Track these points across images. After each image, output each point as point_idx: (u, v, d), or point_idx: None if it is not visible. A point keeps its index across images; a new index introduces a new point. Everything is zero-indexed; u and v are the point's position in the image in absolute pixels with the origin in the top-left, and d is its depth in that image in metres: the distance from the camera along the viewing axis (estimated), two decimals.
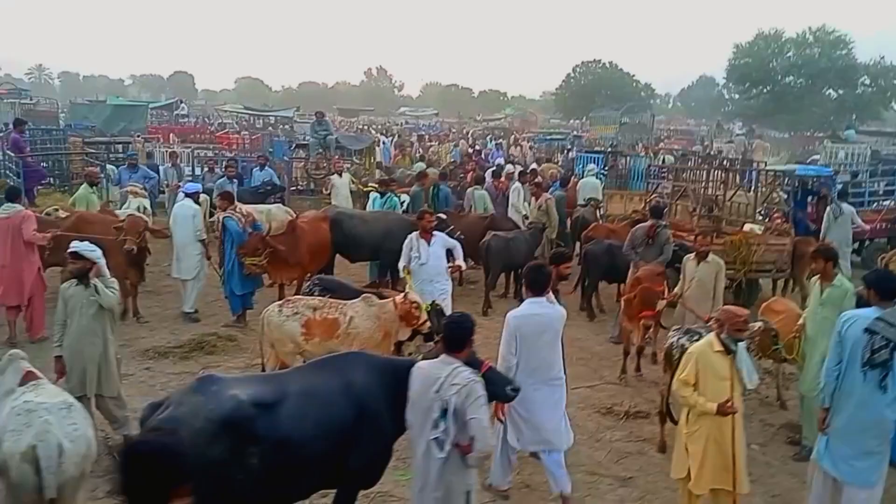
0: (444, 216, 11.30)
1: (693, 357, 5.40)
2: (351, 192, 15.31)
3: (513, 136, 40.30)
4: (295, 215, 11.26)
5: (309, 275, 9.80)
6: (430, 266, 8.44)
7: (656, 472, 6.64)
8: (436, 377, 4.22)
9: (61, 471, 4.15)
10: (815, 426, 5.82)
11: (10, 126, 15.54)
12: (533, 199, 13.49)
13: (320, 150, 17.27)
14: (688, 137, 48.23)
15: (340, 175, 15.31)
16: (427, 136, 34.12)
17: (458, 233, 10.93)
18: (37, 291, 9.09)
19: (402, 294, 7.33)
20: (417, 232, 8.47)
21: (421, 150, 27.51)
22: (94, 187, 11.23)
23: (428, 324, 7.20)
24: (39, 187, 14.28)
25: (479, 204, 13.79)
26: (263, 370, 7.39)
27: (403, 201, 13.31)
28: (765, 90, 50.63)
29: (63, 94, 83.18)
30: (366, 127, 47.91)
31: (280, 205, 13.11)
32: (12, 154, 13.97)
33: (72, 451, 4.24)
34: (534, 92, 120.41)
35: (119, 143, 17.72)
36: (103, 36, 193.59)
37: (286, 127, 42.26)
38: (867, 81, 51.79)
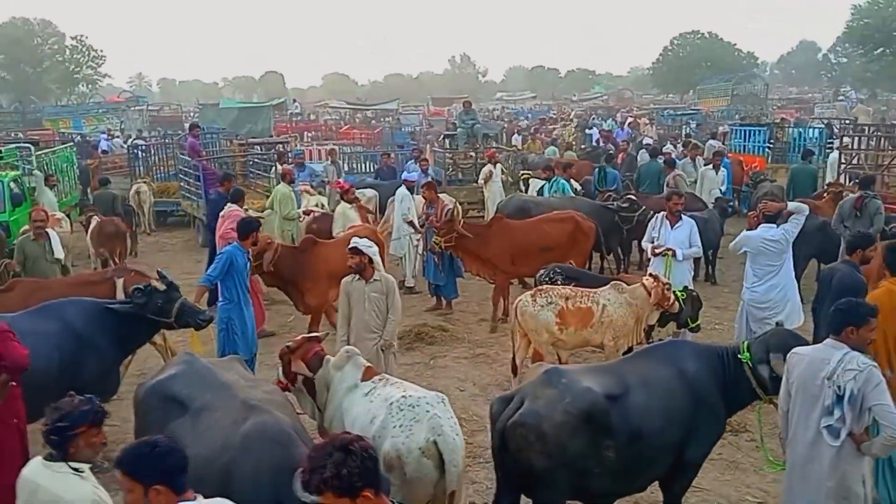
0: (634, 198, 11.06)
1: None
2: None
3: (619, 115, 39.40)
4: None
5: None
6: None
7: None
8: (824, 363, 4.01)
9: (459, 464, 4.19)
10: None
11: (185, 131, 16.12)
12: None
13: (468, 140, 17.21)
14: (802, 106, 46.01)
15: (495, 165, 15.24)
16: (545, 120, 33.52)
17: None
18: (256, 286, 9.37)
19: (651, 276, 7.15)
20: (664, 213, 8.22)
21: (542, 134, 27.15)
22: (292, 185, 11.47)
23: (677, 305, 6.99)
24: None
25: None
26: (513, 361, 7.39)
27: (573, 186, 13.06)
28: (887, 52, 47.55)
29: (162, 101, 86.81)
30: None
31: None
32: (189, 158, 14.51)
33: (460, 444, 4.27)
34: (620, 68, 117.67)
35: (275, 143, 18.14)
36: (194, 43, 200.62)
37: (387, 119, 42.77)
38: None
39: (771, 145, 15.79)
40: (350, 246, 6.43)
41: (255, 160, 15.59)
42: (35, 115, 40.07)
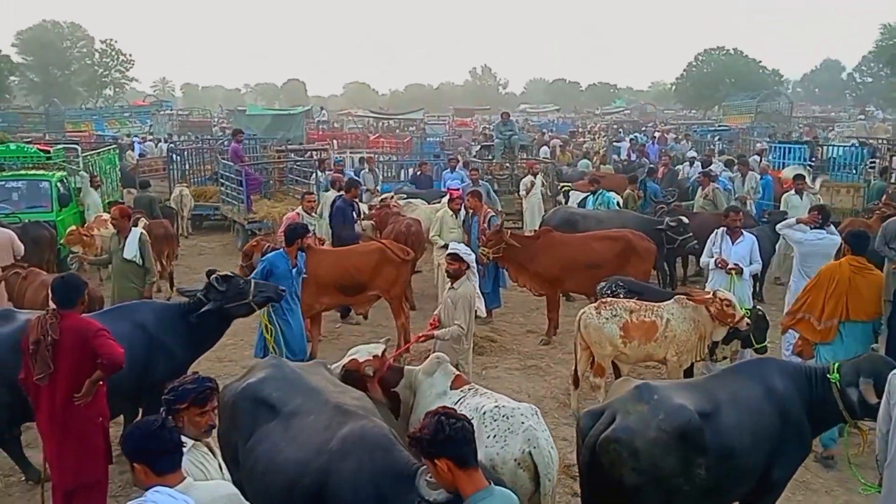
0: (685, 219, 10.98)
1: None
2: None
3: (648, 128, 39.31)
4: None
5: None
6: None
7: None
8: None
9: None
10: None
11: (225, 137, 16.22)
12: (700, 188, 13.68)
13: (505, 151, 17.24)
14: (828, 124, 45.72)
15: (535, 175, 15.24)
16: (575, 133, 33.51)
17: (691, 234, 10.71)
18: None
19: (712, 293, 7.09)
20: (724, 228, 8.16)
21: (572, 147, 27.14)
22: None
23: (746, 321, 6.93)
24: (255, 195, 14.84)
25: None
26: (574, 374, 7.36)
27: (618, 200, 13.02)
28: None
29: (185, 105, 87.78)
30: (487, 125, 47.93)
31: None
32: (232, 163, 14.61)
33: (556, 456, 4.24)
34: (641, 83, 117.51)
35: (312, 150, 18.23)
36: (218, 49, 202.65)
37: (411, 129, 42.86)
38: None
39: (812, 163, 15.72)
40: (449, 252, 6.58)
41: (295, 166, 15.65)
42: (58, 118, 40.47)
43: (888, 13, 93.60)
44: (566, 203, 14.80)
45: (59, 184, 12.30)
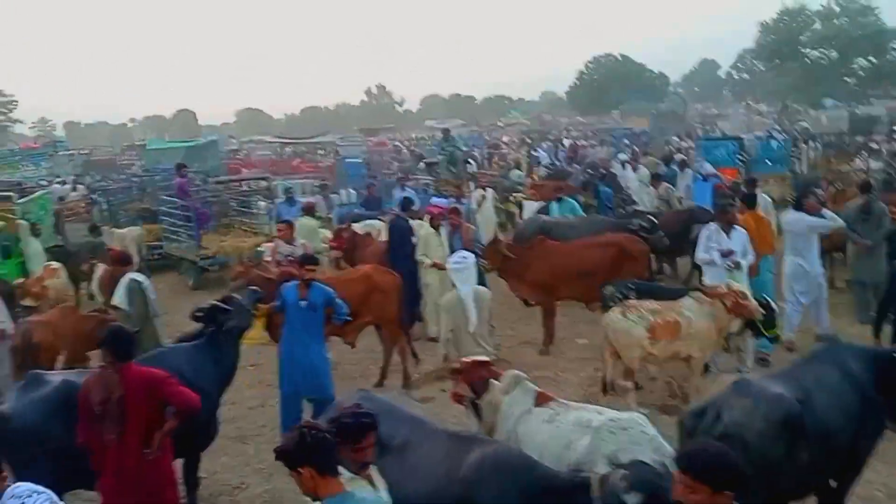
0: (654, 218, 11.31)
1: None
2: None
3: (549, 136, 40.39)
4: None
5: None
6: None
7: None
8: None
9: None
10: None
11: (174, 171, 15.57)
12: (652, 188, 14.46)
13: (449, 166, 17.34)
14: (715, 120, 48.37)
15: (485, 189, 15.38)
16: (497, 145, 34.03)
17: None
18: None
19: (725, 286, 7.34)
20: (717, 224, 8.45)
21: (497, 159, 27.59)
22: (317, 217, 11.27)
23: (759, 311, 7.20)
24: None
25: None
26: (604, 380, 7.44)
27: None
28: (795, 65, 50.86)
29: (70, 145, 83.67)
30: (398, 143, 48.00)
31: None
32: (178, 200, 14.02)
33: None
34: (531, 93, 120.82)
35: (251, 179, 17.70)
36: (98, 83, 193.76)
37: (320, 152, 42.27)
38: None
39: (741, 158, 16.59)
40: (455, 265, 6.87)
41: (240, 198, 15.18)
42: None
43: (750, 12, 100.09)
44: (520, 213, 15.03)
45: None
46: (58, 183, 25.56)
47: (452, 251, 10.09)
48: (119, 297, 7.61)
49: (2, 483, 3.12)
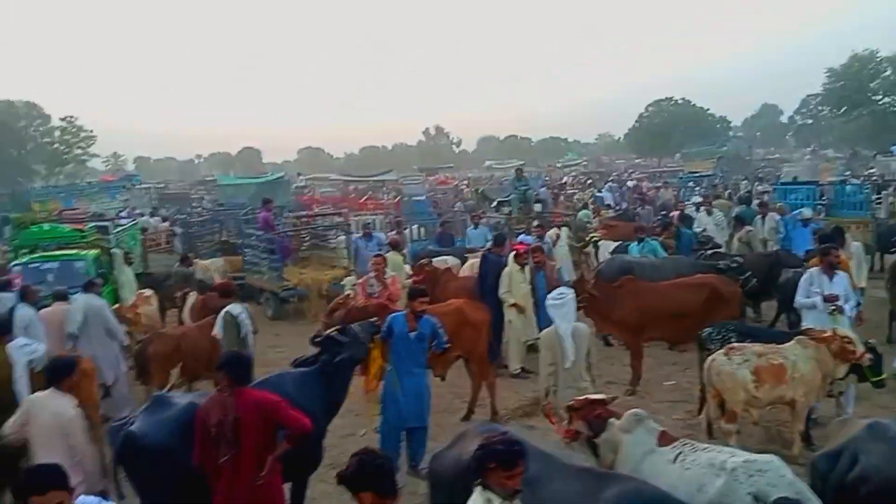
0: (741, 259, 11.16)
1: None
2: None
3: (611, 178, 40.19)
4: None
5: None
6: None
7: None
8: None
9: None
10: None
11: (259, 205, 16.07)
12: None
13: (521, 206, 17.44)
14: (780, 164, 47.53)
15: (560, 228, 15.40)
16: (563, 185, 34.16)
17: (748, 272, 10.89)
18: None
19: (832, 331, 7.19)
20: (817, 268, 8.29)
21: (563, 199, 27.62)
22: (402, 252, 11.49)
23: (868, 357, 7.02)
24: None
25: None
26: (708, 424, 7.33)
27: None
28: (864, 112, 49.95)
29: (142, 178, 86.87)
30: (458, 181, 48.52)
31: None
32: (262, 232, 14.45)
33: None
34: (586, 135, 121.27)
35: (328, 214, 18.13)
36: (168, 121, 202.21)
37: (382, 189, 43.01)
38: None
39: (822, 203, 16.27)
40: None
41: (317, 232, 15.55)
42: (24, 198, 39.45)
43: (821, 60, 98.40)
44: (596, 253, 14.97)
45: (94, 263, 11.95)
46: (136, 214, 26.63)
47: (534, 288, 10.28)
48: (217, 327, 7.89)
49: (70, 498, 3.24)
